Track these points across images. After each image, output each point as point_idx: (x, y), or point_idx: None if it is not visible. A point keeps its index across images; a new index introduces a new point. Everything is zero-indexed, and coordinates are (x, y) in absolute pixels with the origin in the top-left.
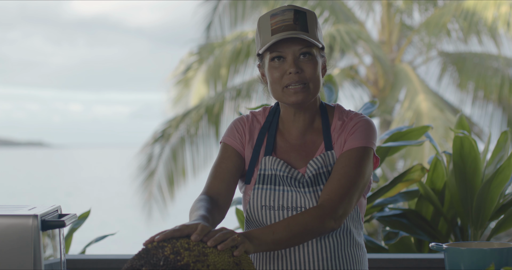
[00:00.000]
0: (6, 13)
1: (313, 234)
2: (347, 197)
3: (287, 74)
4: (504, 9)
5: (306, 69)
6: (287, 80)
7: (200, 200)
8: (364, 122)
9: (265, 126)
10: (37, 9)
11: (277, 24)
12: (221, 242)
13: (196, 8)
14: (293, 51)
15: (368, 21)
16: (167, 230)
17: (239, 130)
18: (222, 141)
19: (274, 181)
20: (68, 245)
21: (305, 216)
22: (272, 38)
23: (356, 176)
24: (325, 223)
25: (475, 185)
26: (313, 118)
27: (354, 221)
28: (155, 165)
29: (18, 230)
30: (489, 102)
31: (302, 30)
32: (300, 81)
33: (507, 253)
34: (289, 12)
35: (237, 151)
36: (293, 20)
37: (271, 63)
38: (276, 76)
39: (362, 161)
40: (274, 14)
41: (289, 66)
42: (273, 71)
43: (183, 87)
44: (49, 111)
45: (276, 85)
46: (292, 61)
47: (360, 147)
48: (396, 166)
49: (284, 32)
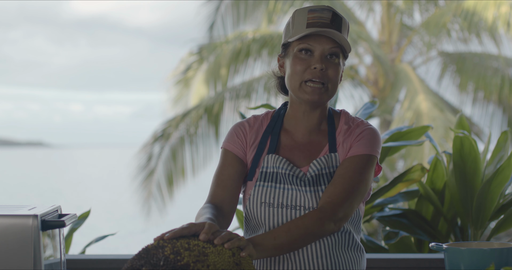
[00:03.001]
0: (6, 13)
1: (314, 237)
2: (348, 201)
3: (311, 68)
4: (504, 9)
5: (330, 69)
6: (309, 74)
7: (205, 208)
8: (370, 131)
9: (268, 130)
10: (36, 9)
11: (314, 19)
12: (228, 241)
13: (198, 8)
14: (323, 48)
15: (368, 21)
16: (176, 228)
17: (239, 135)
18: (222, 147)
19: (275, 178)
20: (68, 245)
21: (305, 220)
22: (307, 30)
23: (359, 182)
24: (325, 225)
25: (475, 185)
26: (321, 120)
27: (354, 224)
28: (154, 164)
29: (18, 230)
30: (489, 102)
31: (336, 30)
32: (322, 79)
33: (507, 253)
34: (328, 12)
35: (238, 156)
36: (330, 20)
37: (298, 53)
38: (299, 69)
39: (365, 168)
40: (313, 9)
41: (315, 61)
42: (298, 62)
43: (183, 87)
44: (50, 111)
45: (296, 77)
46: (319, 57)
47: (365, 154)
48: (396, 166)
49: (320, 28)
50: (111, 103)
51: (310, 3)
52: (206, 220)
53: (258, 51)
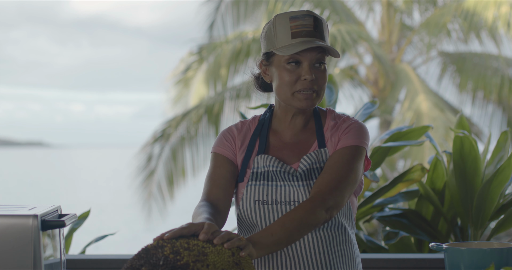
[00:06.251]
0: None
1: (308, 227)
2: (338, 189)
3: (301, 79)
4: (504, 9)
5: (319, 77)
6: (301, 85)
7: (201, 206)
8: (357, 124)
9: (256, 133)
10: (35, 8)
11: (298, 28)
12: (227, 240)
13: (198, 8)
14: (311, 58)
15: (368, 21)
16: (175, 228)
17: (228, 139)
18: (212, 151)
19: (267, 177)
20: (68, 245)
21: (298, 211)
22: (293, 41)
23: (348, 172)
24: (316, 214)
25: (475, 185)
26: (308, 119)
27: (347, 218)
28: (154, 165)
29: (18, 230)
30: (489, 102)
31: (320, 37)
32: (313, 88)
33: (507, 253)
34: (309, 18)
35: (228, 158)
36: (313, 27)
37: (286, 65)
38: (288, 80)
39: (354, 158)
40: (294, 17)
41: (305, 72)
42: (287, 74)
43: (183, 87)
44: (51, 111)
45: (286, 87)
46: (308, 68)
47: (353, 146)
48: (396, 166)
49: (305, 37)
50: (112, 103)
51: (310, 4)
52: (205, 220)
53: (258, 51)
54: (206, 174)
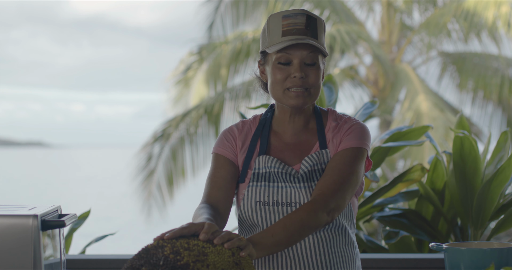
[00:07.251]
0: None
1: (310, 229)
2: (339, 192)
3: (291, 77)
4: (504, 9)
5: (310, 75)
6: (290, 83)
7: (201, 208)
8: (359, 125)
9: (257, 133)
10: (35, 8)
11: (289, 27)
12: (228, 240)
13: (198, 8)
14: (301, 56)
15: (368, 21)
16: (175, 228)
17: (229, 140)
18: (213, 152)
19: (268, 178)
20: (68, 245)
21: (299, 213)
22: (282, 39)
23: (349, 174)
24: (318, 216)
25: (475, 185)
26: (308, 120)
27: (348, 219)
28: (154, 164)
29: (18, 230)
30: (489, 102)
31: (312, 36)
32: (303, 86)
33: (507, 253)
34: (302, 17)
35: (229, 159)
36: (304, 25)
37: (276, 63)
38: (280, 78)
39: (355, 160)
40: (287, 15)
41: (294, 70)
42: (278, 72)
43: (183, 87)
44: (52, 111)
45: (278, 86)
46: (298, 66)
47: (354, 147)
48: (396, 166)
49: (295, 35)
50: (113, 103)
51: (310, 4)
52: (205, 220)
53: (258, 51)
54: (207, 175)
